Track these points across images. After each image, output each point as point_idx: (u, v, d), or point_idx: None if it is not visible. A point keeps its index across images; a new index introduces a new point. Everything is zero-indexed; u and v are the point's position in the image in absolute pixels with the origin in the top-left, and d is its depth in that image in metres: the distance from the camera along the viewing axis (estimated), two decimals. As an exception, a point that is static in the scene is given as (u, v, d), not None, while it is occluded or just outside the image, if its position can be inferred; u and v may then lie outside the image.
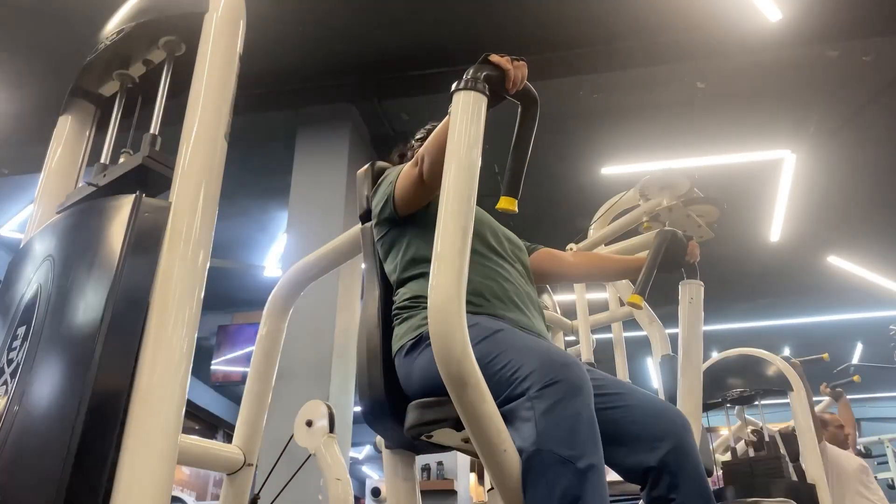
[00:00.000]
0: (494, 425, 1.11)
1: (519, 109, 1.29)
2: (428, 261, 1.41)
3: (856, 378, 4.88)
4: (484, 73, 1.19)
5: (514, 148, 1.25)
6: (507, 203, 1.20)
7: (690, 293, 1.83)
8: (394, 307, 1.49)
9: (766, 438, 2.97)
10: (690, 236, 1.79)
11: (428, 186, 1.46)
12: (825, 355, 4.32)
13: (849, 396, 4.64)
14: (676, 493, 1.25)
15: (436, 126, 1.71)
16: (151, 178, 1.05)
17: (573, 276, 1.87)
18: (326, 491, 1.59)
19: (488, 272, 1.49)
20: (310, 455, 1.64)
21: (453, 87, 1.19)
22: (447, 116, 1.29)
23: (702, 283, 1.85)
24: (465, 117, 1.16)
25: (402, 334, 1.42)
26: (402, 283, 1.49)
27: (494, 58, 1.22)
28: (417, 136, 1.77)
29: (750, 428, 3.61)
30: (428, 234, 1.43)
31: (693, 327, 1.81)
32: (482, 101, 1.17)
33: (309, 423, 1.60)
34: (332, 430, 1.60)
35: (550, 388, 1.14)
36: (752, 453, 2.97)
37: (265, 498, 1.74)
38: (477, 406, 1.09)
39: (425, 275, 1.41)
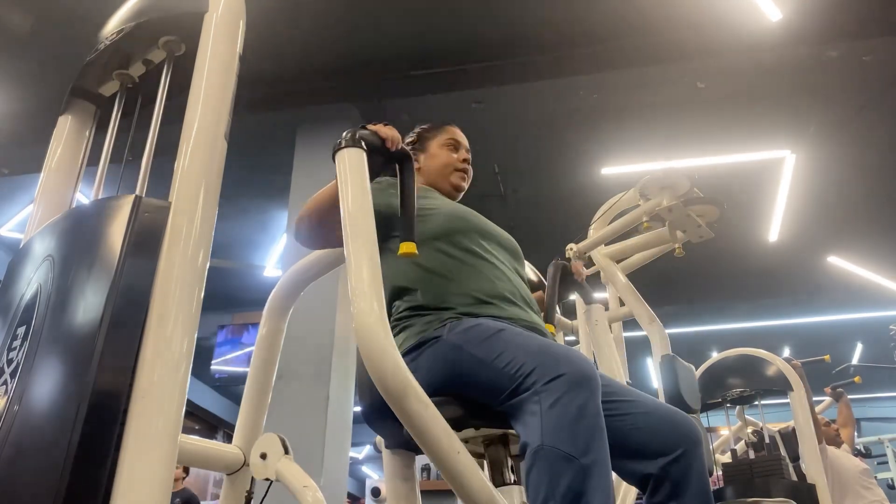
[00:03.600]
0: (443, 429, 1.14)
1: (398, 168, 1.40)
2: (413, 275, 1.47)
3: (857, 379, 4.88)
4: (358, 134, 1.32)
5: (401, 200, 1.36)
6: (407, 248, 1.30)
7: (595, 316, 1.93)
8: (391, 318, 1.49)
9: (766, 439, 2.97)
10: (569, 258, 1.90)
11: (312, 243, 1.57)
12: (826, 357, 4.32)
13: (849, 396, 4.64)
14: (677, 501, 1.25)
15: (425, 129, 1.79)
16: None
17: None
18: (298, 501, 1.60)
19: (485, 273, 1.49)
20: (271, 483, 1.66)
21: (333, 148, 1.31)
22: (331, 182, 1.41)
23: (601, 305, 1.98)
24: (352, 170, 1.27)
25: (401, 341, 1.42)
26: (399, 294, 1.50)
27: (370, 126, 1.35)
28: (408, 140, 1.78)
29: (750, 428, 3.61)
30: (419, 246, 1.47)
31: (604, 344, 1.87)
32: (362, 155, 1.29)
33: (263, 456, 1.63)
34: (286, 452, 1.64)
35: (555, 383, 1.14)
36: (752, 454, 2.97)
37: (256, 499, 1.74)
38: (421, 414, 1.13)
39: (417, 287, 1.46)
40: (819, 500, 2.72)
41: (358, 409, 1.91)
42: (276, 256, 6.46)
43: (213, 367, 7.41)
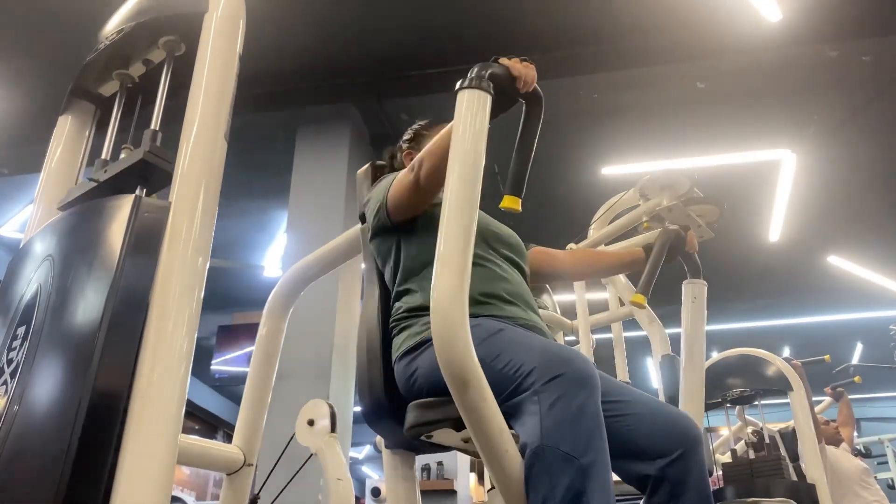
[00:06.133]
0: (496, 425, 1.11)
1: (523, 109, 1.27)
2: (420, 272, 1.44)
3: (857, 379, 4.89)
4: (489, 72, 1.18)
5: (518, 147, 1.24)
6: (510, 202, 1.19)
7: (694, 293, 1.83)
8: (391, 319, 1.48)
9: (766, 439, 2.97)
10: (688, 227, 1.79)
11: (423, 192, 1.45)
12: (826, 357, 4.32)
13: (849, 396, 4.65)
14: (676, 502, 1.25)
15: (422, 126, 1.73)
16: (152, 174, 1.06)
17: (567, 273, 1.87)
18: (327, 490, 1.59)
19: (487, 273, 1.49)
20: (311, 454, 1.64)
21: (457, 85, 1.18)
22: (450, 123, 1.27)
23: (705, 282, 1.84)
24: (470, 115, 1.16)
25: (401, 342, 1.42)
26: (399, 296, 1.49)
27: (504, 60, 1.22)
28: (405, 138, 1.76)
29: (750, 428, 3.61)
30: (420, 243, 1.43)
31: (696, 327, 1.80)
32: (486, 99, 1.17)
33: (311, 423, 1.60)
34: (333, 429, 1.61)
35: (554, 382, 1.14)
36: (752, 454, 2.97)
37: (265, 498, 1.74)
38: (479, 406, 1.09)
39: (421, 287, 1.43)
40: (819, 500, 2.72)
41: (358, 409, 1.91)
42: (275, 256, 6.46)
43: (213, 367, 7.41)
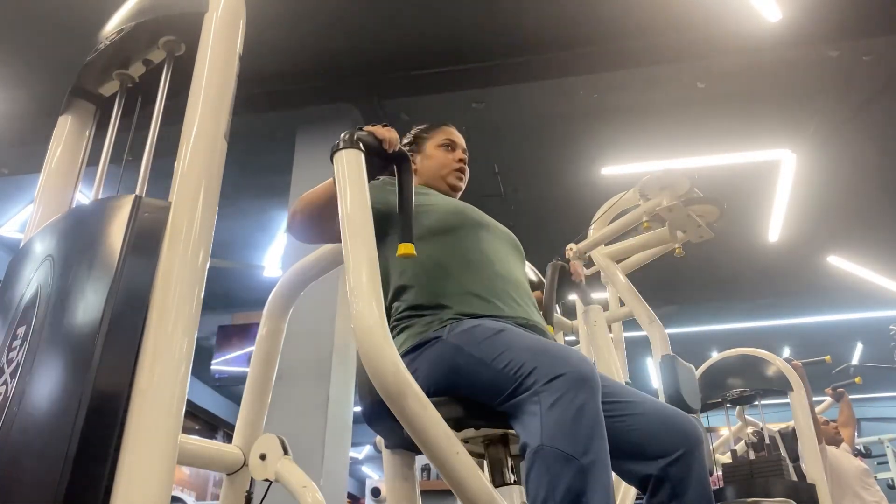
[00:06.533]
0: (442, 430, 1.15)
1: (396, 169, 1.41)
2: (417, 272, 1.47)
3: (857, 380, 4.89)
4: (356, 136, 1.32)
5: (399, 200, 1.37)
6: (405, 248, 1.31)
7: (593, 317, 1.96)
8: (391, 319, 1.49)
9: (766, 439, 2.97)
10: (568, 259, 1.93)
11: (307, 240, 1.57)
12: (827, 357, 4.33)
13: (849, 396, 4.65)
14: (677, 502, 1.25)
15: (422, 129, 1.81)
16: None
17: None
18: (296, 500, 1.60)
19: (484, 271, 1.49)
20: (270, 483, 1.65)
21: (332, 150, 1.32)
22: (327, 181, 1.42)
23: (599, 306, 2.00)
24: (349, 170, 1.28)
25: (402, 341, 1.43)
26: (397, 295, 1.50)
27: (368, 127, 1.36)
28: (405, 141, 1.78)
29: (750, 428, 3.62)
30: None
31: (603, 345, 1.90)
32: (360, 156, 1.30)
33: (263, 457, 1.63)
34: (286, 452, 1.63)
35: (555, 382, 1.14)
36: (752, 454, 2.98)
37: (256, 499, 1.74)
38: (420, 414, 1.14)
39: (420, 285, 1.46)
40: (819, 500, 2.72)
41: (358, 409, 1.91)
42: (275, 256, 6.46)
43: (213, 367, 7.40)
